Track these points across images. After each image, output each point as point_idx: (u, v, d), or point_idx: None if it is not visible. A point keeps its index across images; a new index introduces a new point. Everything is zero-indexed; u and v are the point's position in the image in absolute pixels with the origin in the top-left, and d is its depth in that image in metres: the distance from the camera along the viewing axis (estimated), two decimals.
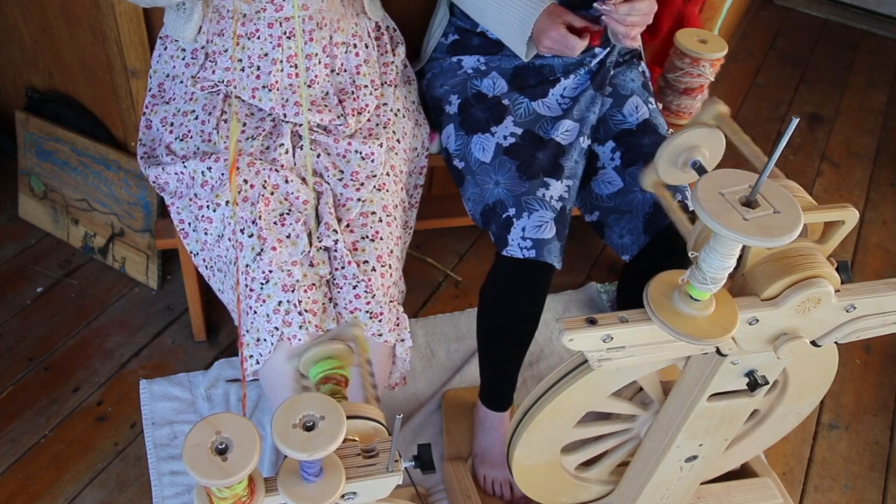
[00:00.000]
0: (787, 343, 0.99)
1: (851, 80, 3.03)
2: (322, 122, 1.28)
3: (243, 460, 0.74)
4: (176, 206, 1.30)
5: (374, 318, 1.20)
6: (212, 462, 0.74)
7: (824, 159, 2.58)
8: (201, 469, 0.73)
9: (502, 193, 1.32)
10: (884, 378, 1.85)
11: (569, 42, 1.27)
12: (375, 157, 1.28)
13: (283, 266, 1.16)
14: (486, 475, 1.48)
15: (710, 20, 1.87)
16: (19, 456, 1.48)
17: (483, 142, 1.37)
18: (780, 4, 3.48)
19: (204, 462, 0.74)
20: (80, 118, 1.78)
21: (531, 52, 1.36)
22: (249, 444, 0.75)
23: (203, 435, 0.75)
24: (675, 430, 1.12)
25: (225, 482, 0.73)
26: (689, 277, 0.91)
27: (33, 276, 1.81)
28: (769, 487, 1.47)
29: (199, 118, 1.29)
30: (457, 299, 1.90)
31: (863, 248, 2.24)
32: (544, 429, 1.11)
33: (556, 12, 1.30)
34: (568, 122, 1.38)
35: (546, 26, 1.29)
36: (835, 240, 1.03)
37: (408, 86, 1.50)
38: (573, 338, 0.93)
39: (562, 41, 1.28)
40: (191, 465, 0.73)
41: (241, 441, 0.75)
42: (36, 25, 1.70)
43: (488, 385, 1.47)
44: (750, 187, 0.84)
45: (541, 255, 1.27)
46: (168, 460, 1.48)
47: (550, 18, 1.29)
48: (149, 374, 1.64)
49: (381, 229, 1.24)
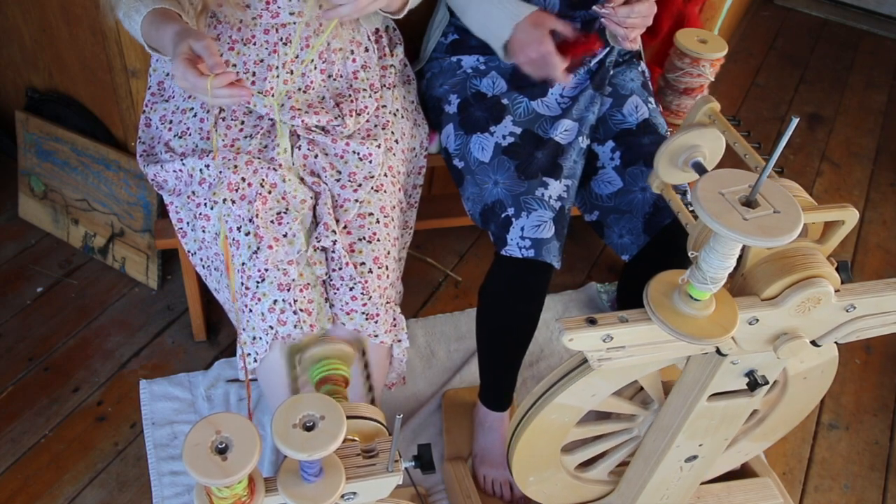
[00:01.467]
0: (787, 343, 0.99)
1: (851, 80, 3.03)
2: (319, 122, 1.28)
3: (243, 460, 0.74)
4: (174, 205, 1.30)
5: (371, 320, 1.20)
6: (212, 462, 0.74)
7: (824, 159, 2.58)
8: (201, 469, 0.73)
9: (501, 193, 1.32)
10: (884, 378, 1.85)
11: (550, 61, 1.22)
12: (373, 157, 1.28)
13: (279, 265, 1.17)
14: (486, 475, 1.48)
15: (710, 20, 1.87)
16: (19, 456, 1.48)
17: (482, 141, 1.37)
18: (780, 4, 3.48)
19: (204, 462, 0.74)
20: (80, 118, 1.78)
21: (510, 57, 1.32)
22: (249, 443, 0.75)
23: (203, 435, 0.75)
24: (675, 430, 1.12)
25: (225, 482, 0.73)
26: (689, 277, 0.91)
27: (33, 276, 1.81)
28: (769, 487, 1.47)
29: (198, 116, 1.29)
30: (457, 299, 1.90)
31: (863, 248, 2.24)
32: (544, 429, 1.11)
33: (543, 20, 1.24)
34: (567, 121, 1.38)
35: (529, 39, 1.24)
36: (835, 240, 1.03)
37: (407, 86, 1.50)
38: (573, 338, 0.93)
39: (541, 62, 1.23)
40: (191, 464, 0.73)
41: (241, 441, 0.75)
42: (36, 25, 1.70)
43: (488, 385, 1.47)
44: (750, 187, 0.84)
45: (540, 255, 1.27)
46: (168, 460, 1.48)
47: (535, 30, 1.23)
48: (149, 374, 1.64)
49: (378, 230, 1.24)
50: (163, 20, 1.16)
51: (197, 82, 1.05)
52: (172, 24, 1.14)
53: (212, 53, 1.06)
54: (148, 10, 1.17)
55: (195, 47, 1.07)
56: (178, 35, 1.11)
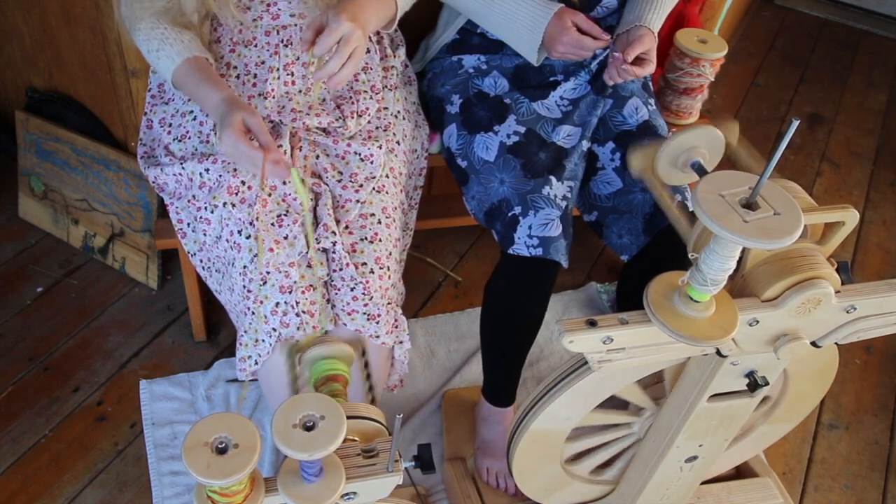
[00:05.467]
0: (788, 344, 0.99)
1: (851, 80, 3.03)
2: (321, 124, 1.27)
3: (243, 460, 0.74)
4: (175, 207, 1.30)
5: (372, 320, 1.20)
6: (212, 461, 0.74)
7: (824, 159, 2.58)
8: (201, 468, 0.73)
9: (507, 192, 1.32)
10: (884, 378, 1.85)
11: (583, 44, 1.31)
12: (374, 158, 1.28)
13: (280, 267, 1.16)
14: (488, 467, 1.48)
15: (710, 20, 1.87)
16: (19, 456, 1.48)
17: (486, 141, 1.37)
18: (780, 4, 3.48)
19: (204, 461, 0.74)
20: (80, 118, 1.78)
21: (542, 58, 1.38)
22: (249, 443, 0.75)
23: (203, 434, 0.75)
24: (676, 430, 1.12)
25: (225, 482, 0.73)
26: (689, 279, 0.91)
27: (33, 276, 1.81)
28: (769, 487, 1.47)
29: (198, 119, 1.29)
30: (457, 299, 1.90)
31: (863, 249, 2.24)
32: (544, 430, 1.11)
33: (566, 15, 1.32)
34: (569, 127, 1.39)
35: (557, 31, 1.31)
36: (835, 240, 1.03)
37: (408, 87, 1.50)
38: (573, 339, 0.93)
39: (575, 44, 1.31)
40: (191, 464, 0.73)
41: (241, 441, 0.75)
42: (36, 25, 1.70)
43: (491, 382, 1.47)
44: (750, 189, 0.84)
45: (548, 253, 1.27)
46: (168, 460, 1.48)
47: (561, 23, 1.31)
48: (149, 374, 1.64)
49: (379, 231, 1.24)
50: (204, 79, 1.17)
51: (252, 155, 1.08)
52: (217, 89, 1.16)
53: (264, 131, 1.10)
54: (182, 59, 1.18)
55: (248, 122, 1.10)
56: (227, 104, 1.13)
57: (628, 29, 1.35)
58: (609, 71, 1.34)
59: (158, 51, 1.20)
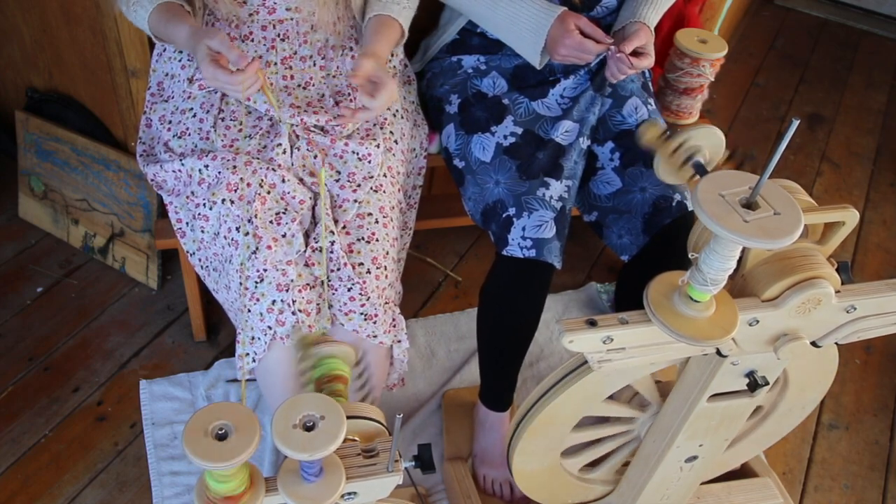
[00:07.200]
0: (788, 344, 0.99)
1: (851, 80, 3.03)
2: (318, 122, 1.28)
3: (243, 445, 0.74)
4: (174, 205, 1.30)
5: (369, 320, 1.20)
6: (211, 446, 0.74)
7: (824, 159, 2.58)
8: (201, 452, 0.73)
9: (502, 193, 1.32)
10: (884, 378, 1.85)
11: (586, 47, 1.30)
12: (372, 158, 1.28)
13: (277, 265, 1.16)
14: (486, 475, 1.48)
15: (710, 20, 1.87)
16: (19, 456, 1.48)
17: (483, 141, 1.37)
18: (780, 4, 3.48)
19: (203, 446, 0.73)
20: (80, 118, 1.78)
21: (545, 60, 1.38)
22: (249, 430, 0.75)
23: (204, 421, 0.75)
24: (675, 430, 1.12)
25: (224, 465, 0.73)
26: (689, 279, 0.91)
27: (33, 276, 1.81)
28: (769, 487, 1.47)
29: (197, 116, 1.29)
30: (457, 299, 1.90)
31: (863, 249, 2.24)
32: (544, 431, 1.11)
33: (569, 18, 1.31)
34: (568, 122, 1.38)
35: (560, 34, 1.31)
36: (835, 240, 1.03)
37: (407, 86, 1.50)
38: (573, 339, 0.93)
39: (578, 48, 1.31)
40: (190, 448, 0.73)
41: (241, 428, 0.75)
42: (36, 25, 1.70)
43: (488, 385, 1.47)
44: (750, 189, 0.84)
45: (541, 255, 1.27)
46: (168, 460, 1.48)
47: (564, 26, 1.31)
48: (149, 374, 1.64)
49: (377, 231, 1.24)
50: (170, 18, 1.19)
51: (231, 80, 1.11)
52: (181, 23, 1.18)
53: (230, 48, 1.11)
54: (154, 6, 1.19)
55: (212, 45, 1.11)
56: (192, 38, 1.15)
57: (624, 25, 1.35)
58: (609, 68, 1.34)
59: (135, 3, 1.23)
